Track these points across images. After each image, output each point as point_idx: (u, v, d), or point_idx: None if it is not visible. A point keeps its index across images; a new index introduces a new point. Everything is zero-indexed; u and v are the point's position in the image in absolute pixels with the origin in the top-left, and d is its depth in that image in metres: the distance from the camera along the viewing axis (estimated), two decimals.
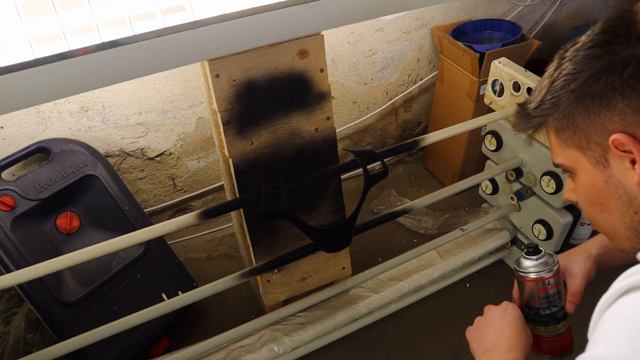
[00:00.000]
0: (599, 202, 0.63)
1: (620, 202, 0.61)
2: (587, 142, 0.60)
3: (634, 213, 0.60)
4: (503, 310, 0.82)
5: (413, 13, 1.79)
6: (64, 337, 1.16)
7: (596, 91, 0.57)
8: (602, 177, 0.61)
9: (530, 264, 0.82)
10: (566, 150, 0.64)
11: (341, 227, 1.17)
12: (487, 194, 1.61)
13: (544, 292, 0.81)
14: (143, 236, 0.99)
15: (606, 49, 0.57)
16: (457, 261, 1.55)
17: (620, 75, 0.55)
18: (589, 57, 0.58)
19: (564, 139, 0.63)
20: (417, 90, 2.00)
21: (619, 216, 0.62)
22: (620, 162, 0.58)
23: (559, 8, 2.11)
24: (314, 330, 1.38)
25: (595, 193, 0.63)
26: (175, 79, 1.52)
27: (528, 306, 0.84)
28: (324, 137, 1.17)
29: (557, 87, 0.61)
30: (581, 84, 0.59)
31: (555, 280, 0.82)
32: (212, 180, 1.81)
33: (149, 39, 0.83)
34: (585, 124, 0.59)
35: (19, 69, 0.76)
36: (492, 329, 0.80)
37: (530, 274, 0.82)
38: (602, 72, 0.57)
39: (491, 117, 1.31)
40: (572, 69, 0.60)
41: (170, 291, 1.41)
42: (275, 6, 0.90)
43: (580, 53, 0.59)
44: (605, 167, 0.60)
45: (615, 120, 0.57)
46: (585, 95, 0.58)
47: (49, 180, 1.31)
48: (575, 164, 0.64)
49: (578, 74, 0.59)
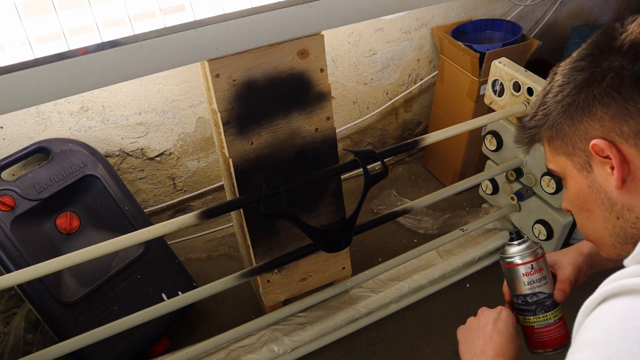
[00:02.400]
0: (585, 207, 0.66)
1: (603, 208, 0.63)
2: (573, 149, 0.64)
3: (616, 218, 0.62)
4: (496, 315, 0.82)
5: (413, 13, 1.79)
6: (64, 337, 1.16)
7: (579, 101, 0.61)
8: (586, 182, 0.64)
9: (512, 249, 0.84)
10: (557, 157, 0.67)
11: (341, 227, 1.17)
12: (487, 194, 1.61)
13: (527, 276, 0.82)
14: (143, 236, 1.00)
15: (589, 61, 0.61)
16: (457, 261, 1.56)
17: (600, 85, 0.59)
18: (573, 69, 0.62)
19: (555, 147, 0.67)
20: (417, 90, 2.00)
21: (602, 222, 0.64)
22: (602, 168, 0.61)
23: (559, 8, 2.11)
24: (314, 331, 1.38)
25: (581, 198, 0.66)
26: (175, 79, 1.52)
27: (516, 295, 0.84)
28: (324, 137, 1.17)
29: (548, 99, 0.65)
30: (567, 95, 0.62)
31: (539, 265, 0.82)
32: (212, 180, 1.81)
33: (149, 39, 0.83)
34: (571, 132, 0.63)
35: (19, 69, 0.76)
36: (483, 333, 0.80)
37: (514, 259, 0.83)
38: (585, 82, 0.60)
39: (491, 117, 1.31)
40: (560, 81, 0.64)
41: (170, 291, 1.41)
42: (275, 6, 0.90)
43: (568, 66, 0.64)
44: (589, 172, 0.63)
45: (595, 127, 0.60)
46: (570, 105, 0.62)
47: (48, 180, 1.31)
48: (564, 169, 0.67)
49: (565, 86, 0.63)
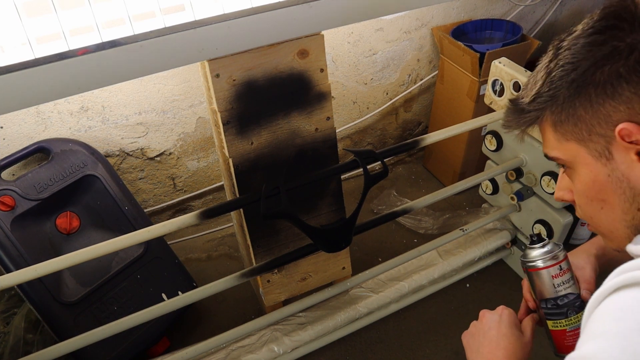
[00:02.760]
0: (600, 198, 0.60)
1: (623, 198, 0.57)
2: (589, 134, 0.57)
3: (636, 210, 0.57)
4: (498, 317, 0.79)
5: (413, 13, 1.79)
6: (64, 337, 1.16)
7: (599, 80, 0.54)
8: (604, 170, 0.57)
9: (538, 252, 0.79)
10: (564, 144, 0.60)
11: (341, 227, 1.17)
12: (487, 194, 1.61)
13: (558, 278, 0.78)
14: (143, 236, 1.00)
15: (609, 34, 0.54)
16: (457, 261, 1.55)
17: (626, 62, 0.52)
18: (590, 44, 0.55)
19: (563, 132, 0.60)
20: (417, 90, 2.00)
21: (620, 213, 0.59)
22: (626, 155, 0.55)
23: (559, 8, 2.11)
24: (314, 330, 1.38)
25: (597, 188, 0.59)
26: (175, 79, 1.52)
27: (544, 300, 0.79)
28: (324, 137, 1.17)
29: (555, 78, 0.58)
30: (582, 73, 0.55)
31: (567, 265, 0.79)
32: (212, 180, 1.81)
33: (149, 39, 0.83)
34: (588, 115, 0.56)
35: (18, 69, 0.76)
36: (488, 339, 0.78)
37: (539, 261, 0.78)
38: (606, 59, 0.53)
39: (491, 117, 1.31)
40: (571, 57, 0.56)
41: (170, 291, 1.41)
42: (275, 6, 0.90)
43: (581, 41, 0.56)
44: (608, 160, 0.57)
45: (621, 110, 0.54)
46: (588, 85, 0.55)
47: (48, 180, 1.31)
48: (574, 157, 0.60)
49: (579, 63, 0.55)
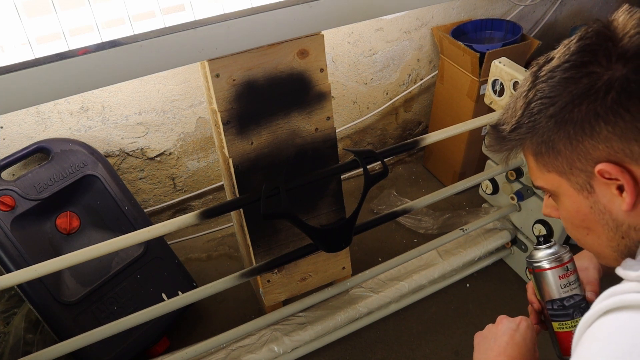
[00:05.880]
0: (584, 226, 0.61)
1: (607, 228, 0.58)
2: (570, 168, 0.57)
3: (620, 238, 0.58)
4: (515, 325, 0.79)
5: (413, 13, 1.79)
6: (64, 337, 1.16)
7: (577, 118, 0.53)
8: (587, 203, 0.58)
9: (545, 252, 0.79)
10: (547, 175, 0.61)
11: (341, 227, 1.17)
12: (488, 194, 1.61)
13: (565, 278, 0.78)
14: (143, 236, 1.00)
15: (585, 71, 0.53)
16: (457, 261, 1.55)
17: (603, 101, 0.52)
18: (567, 80, 0.54)
19: (544, 164, 0.60)
20: (417, 90, 2.00)
21: (605, 240, 0.60)
22: (606, 189, 0.55)
23: (559, 8, 2.11)
24: (314, 330, 1.38)
25: (581, 217, 0.60)
26: (175, 79, 1.52)
27: (550, 301, 0.80)
28: (324, 137, 1.17)
29: (534, 110, 0.57)
30: (560, 110, 0.55)
31: (573, 266, 0.79)
32: (212, 180, 1.81)
33: (149, 39, 0.83)
34: (568, 151, 0.56)
35: (19, 69, 0.76)
36: (498, 344, 0.77)
37: (547, 262, 0.79)
38: (583, 97, 0.53)
39: (491, 117, 1.31)
40: (549, 91, 0.55)
41: (170, 291, 1.41)
42: (275, 6, 0.90)
43: (558, 74, 0.55)
44: (590, 193, 0.57)
45: (600, 148, 0.53)
46: (566, 122, 0.54)
47: (48, 180, 1.31)
48: (558, 188, 0.61)
49: (556, 98, 0.55)
